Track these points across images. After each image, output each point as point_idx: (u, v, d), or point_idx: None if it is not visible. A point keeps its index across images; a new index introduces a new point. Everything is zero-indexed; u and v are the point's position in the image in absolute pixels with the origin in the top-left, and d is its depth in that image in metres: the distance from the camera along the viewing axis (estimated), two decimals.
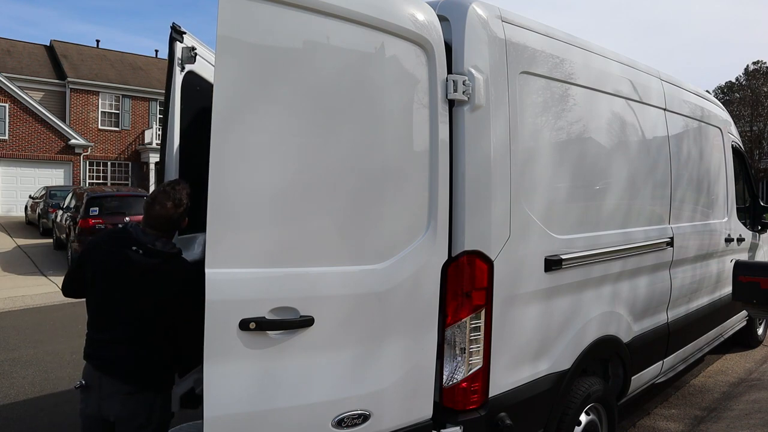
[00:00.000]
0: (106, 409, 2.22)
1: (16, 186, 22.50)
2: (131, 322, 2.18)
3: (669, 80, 3.91)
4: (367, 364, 2.08)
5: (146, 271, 2.17)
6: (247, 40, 1.81)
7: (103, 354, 2.21)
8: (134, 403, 2.20)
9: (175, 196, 2.24)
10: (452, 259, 2.25)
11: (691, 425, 3.96)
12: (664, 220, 3.71)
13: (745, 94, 25.44)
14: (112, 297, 2.20)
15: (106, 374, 2.19)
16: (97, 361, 2.22)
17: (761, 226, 5.60)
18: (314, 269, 1.96)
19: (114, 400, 2.20)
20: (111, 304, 2.21)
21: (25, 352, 5.80)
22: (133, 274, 2.17)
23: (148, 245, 2.19)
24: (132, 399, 2.19)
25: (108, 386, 2.20)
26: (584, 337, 2.90)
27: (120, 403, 2.19)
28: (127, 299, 2.18)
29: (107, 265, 2.22)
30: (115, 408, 2.20)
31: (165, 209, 2.22)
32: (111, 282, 2.20)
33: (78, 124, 24.20)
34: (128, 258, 2.18)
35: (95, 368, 2.22)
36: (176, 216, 2.25)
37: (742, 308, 5.06)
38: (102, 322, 2.23)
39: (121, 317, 2.19)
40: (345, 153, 2.00)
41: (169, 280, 2.18)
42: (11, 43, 25.91)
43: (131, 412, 2.20)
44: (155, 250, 2.19)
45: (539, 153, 2.61)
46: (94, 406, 2.24)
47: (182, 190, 2.28)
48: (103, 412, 2.22)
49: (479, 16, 2.32)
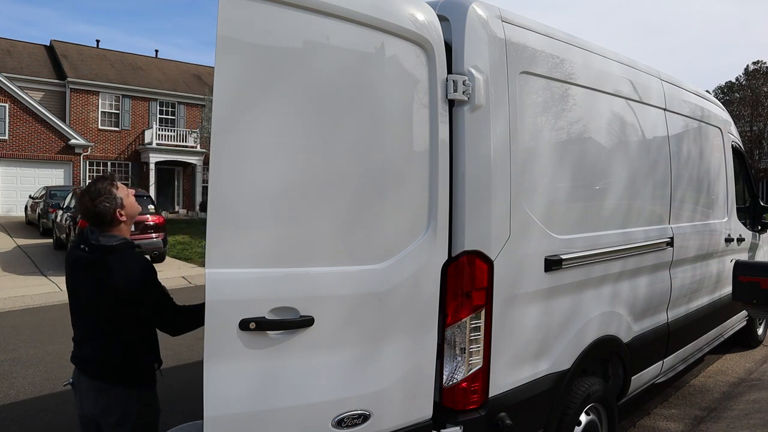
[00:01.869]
0: (85, 407, 2.28)
1: (16, 186, 22.51)
2: (93, 319, 2.22)
3: (669, 80, 3.91)
4: (367, 364, 2.08)
5: (91, 266, 2.20)
6: (247, 40, 1.81)
7: (77, 352, 2.30)
8: (106, 399, 2.21)
9: (91, 189, 2.27)
10: (452, 259, 2.25)
11: (691, 425, 3.96)
12: (664, 220, 3.71)
13: (745, 94, 25.42)
14: (76, 296, 2.28)
15: (81, 372, 2.27)
16: (74, 360, 2.31)
17: (761, 226, 5.60)
18: (314, 269, 1.96)
19: (88, 398, 2.25)
20: (76, 304, 2.29)
21: (25, 352, 5.80)
22: (82, 271, 2.22)
23: (91, 241, 2.22)
24: (104, 396, 2.22)
25: (83, 383, 2.26)
26: (584, 337, 2.90)
27: (92, 400, 2.24)
28: (86, 297, 2.22)
29: (68, 268, 2.32)
30: (89, 405, 2.26)
31: (83, 204, 2.27)
32: (72, 282, 2.29)
33: (78, 124, 24.21)
34: (78, 257, 2.25)
35: (75, 367, 2.31)
36: (98, 209, 2.23)
37: (742, 308, 5.06)
38: (74, 322, 2.32)
39: (85, 315, 2.25)
40: (345, 153, 2.00)
41: (111, 272, 2.16)
42: (11, 43, 25.91)
43: (104, 409, 2.22)
44: (97, 245, 2.21)
45: (539, 153, 2.61)
46: (78, 404, 2.33)
47: (102, 184, 2.28)
48: (84, 410, 2.30)
49: (479, 16, 2.32)
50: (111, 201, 2.25)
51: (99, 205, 2.23)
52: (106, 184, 2.28)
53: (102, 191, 2.25)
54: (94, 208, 2.23)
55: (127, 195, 2.32)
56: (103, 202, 2.23)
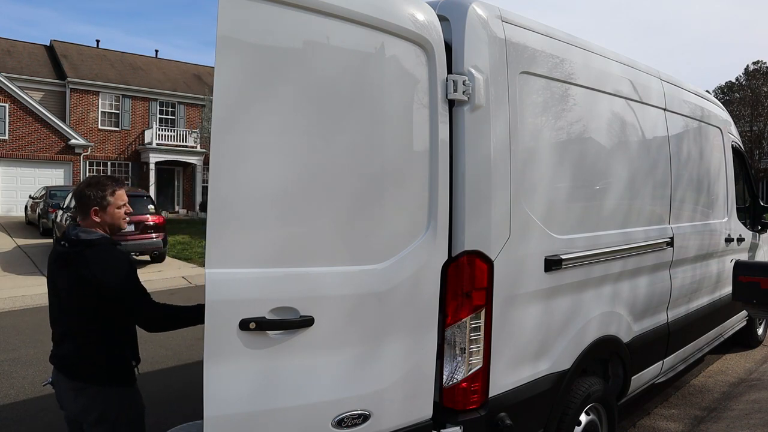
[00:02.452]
0: (65, 406, 2.28)
1: (16, 186, 22.51)
2: (71, 316, 2.22)
3: (669, 80, 3.91)
4: (367, 364, 2.08)
5: (69, 262, 2.19)
6: (247, 40, 1.81)
7: (56, 351, 2.29)
8: (85, 398, 2.21)
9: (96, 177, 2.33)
10: (452, 259, 2.25)
11: (691, 425, 3.96)
12: (664, 220, 3.71)
13: (745, 94, 25.42)
14: (56, 293, 2.27)
15: (59, 371, 2.26)
16: (53, 359, 2.30)
17: (761, 226, 5.60)
18: (314, 269, 1.96)
19: (67, 397, 2.25)
20: (56, 301, 2.28)
21: (25, 352, 5.80)
22: (62, 266, 2.22)
23: (71, 236, 2.22)
24: (82, 394, 2.21)
25: (62, 382, 2.26)
26: (584, 337, 2.90)
27: (71, 399, 2.23)
28: (65, 294, 2.21)
29: (49, 264, 2.32)
30: (68, 404, 2.26)
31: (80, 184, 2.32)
32: (52, 278, 2.29)
33: (78, 124, 24.21)
34: (57, 253, 2.26)
35: (54, 365, 2.30)
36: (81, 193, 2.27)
37: (742, 308, 5.06)
38: (53, 320, 2.31)
39: (63, 313, 2.25)
40: (345, 153, 2.00)
41: (88, 266, 2.15)
42: (11, 43, 25.91)
43: (83, 407, 2.21)
44: (76, 239, 2.21)
45: (539, 153, 2.61)
46: (59, 404, 2.32)
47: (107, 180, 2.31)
48: (65, 409, 2.29)
49: (479, 16, 2.32)
50: (96, 195, 2.25)
51: (85, 190, 2.25)
52: (109, 182, 2.30)
53: (99, 183, 2.27)
54: (80, 191, 2.27)
55: (116, 205, 2.29)
56: (91, 190, 2.25)
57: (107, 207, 2.27)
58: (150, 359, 5.34)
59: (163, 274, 10.75)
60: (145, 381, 4.92)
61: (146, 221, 11.15)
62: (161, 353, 5.59)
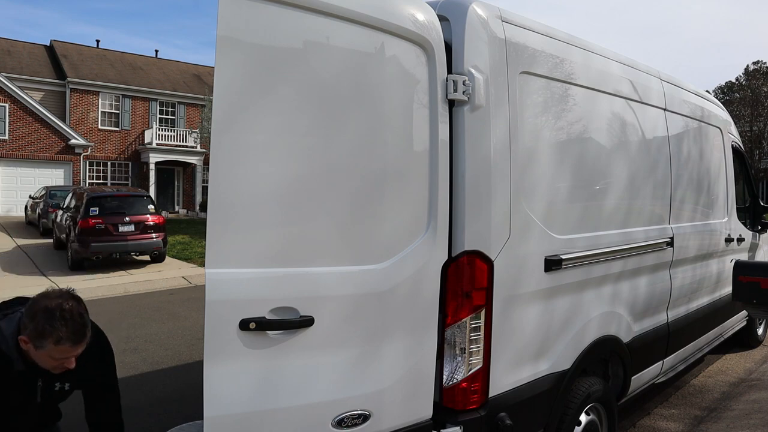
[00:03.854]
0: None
1: (16, 186, 22.53)
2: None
3: (669, 80, 3.91)
4: (367, 364, 2.08)
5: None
6: (247, 40, 1.82)
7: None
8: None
9: (48, 299, 1.95)
10: (452, 259, 2.25)
11: (691, 425, 3.96)
12: (664, 220, 3.71)
13: (745, 94, 25.44)
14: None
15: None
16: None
17: (761, 226, 5.60)
18: (314, 269, 1.96)
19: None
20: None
21: None
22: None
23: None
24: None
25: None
26: (584, 337, 2.90)
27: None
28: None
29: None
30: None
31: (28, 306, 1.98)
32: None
33: (78, 124, 24.22)
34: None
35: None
36: (26, 310, 1.96)
37: (742, 308, 5.06)
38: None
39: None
40: (345, 153, 2.00)
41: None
42: (11, 43, 25.92)
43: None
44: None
45: (539, 153, 2.61)
46: None
47: (53, 305, 1.91)
48: None
49: (479, 16, 2.32)
50: (36, 328, 1.86)
51: (27, 309, 1.91)
52: (63, 329, 1.85)
53: (48, 323, 1.85)
54: (30, 307, 1.91)
55: (52, 356, 1.89)
56: (35, 321, 1.86)
57: (38, 350, 1.88)
58: (150, 359, 5.34)
59: (163, 274, 10.75)
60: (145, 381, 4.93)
61: (146, 221, 11.18)
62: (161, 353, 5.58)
